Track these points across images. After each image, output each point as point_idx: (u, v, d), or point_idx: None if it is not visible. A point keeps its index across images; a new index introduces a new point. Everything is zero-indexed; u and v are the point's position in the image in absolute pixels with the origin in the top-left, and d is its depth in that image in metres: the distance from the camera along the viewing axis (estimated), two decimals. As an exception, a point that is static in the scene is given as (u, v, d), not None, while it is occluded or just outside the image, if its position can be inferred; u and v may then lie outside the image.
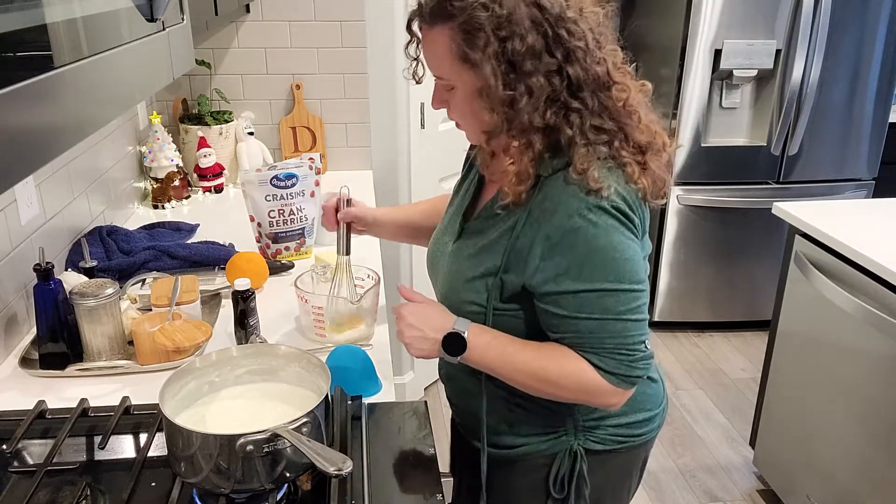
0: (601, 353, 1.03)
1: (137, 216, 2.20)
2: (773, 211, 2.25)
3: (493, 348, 1.08)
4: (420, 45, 1.08)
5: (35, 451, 1.12)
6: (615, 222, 1.00)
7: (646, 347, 1.05)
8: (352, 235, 1.45)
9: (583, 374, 1.04)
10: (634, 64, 1.08)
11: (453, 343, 1.07)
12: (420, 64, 1.10)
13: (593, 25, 1.01)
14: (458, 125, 1.12)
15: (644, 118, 1.05)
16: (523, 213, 1.04)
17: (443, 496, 1.03)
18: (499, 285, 1.07)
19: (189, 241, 1.92)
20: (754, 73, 3.14)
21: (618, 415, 1.16)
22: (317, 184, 1.87)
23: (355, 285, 1.46)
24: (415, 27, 1.07)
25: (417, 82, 1.13)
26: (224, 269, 1.69)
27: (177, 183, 2.27)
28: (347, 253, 1.43)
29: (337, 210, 1.43)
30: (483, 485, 1.24)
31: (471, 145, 1.25)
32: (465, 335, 1.07)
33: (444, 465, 1.28)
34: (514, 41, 0.95)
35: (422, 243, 1.42)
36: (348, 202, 1.44)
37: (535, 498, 1.22)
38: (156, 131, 2.24)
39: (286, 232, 1.84)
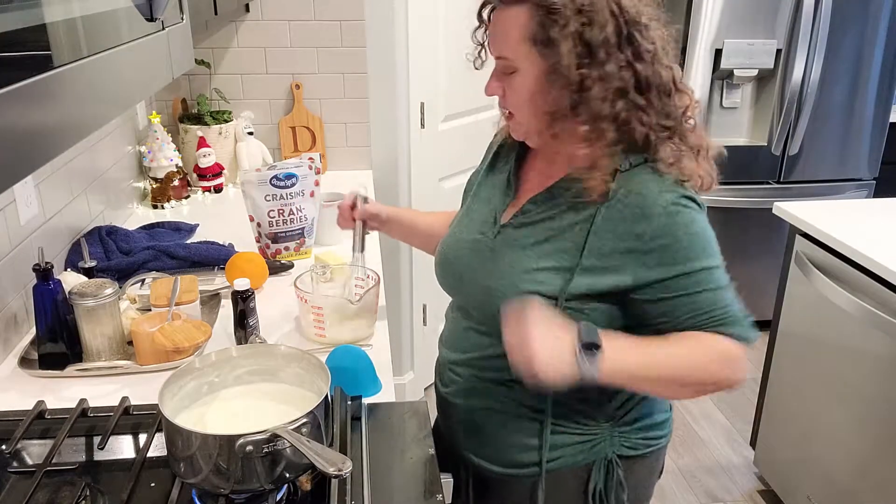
0: (725, 320, 1.05)
1: (137, 216, 2.19)
2: (773, 211, 2.25)
3: (629, 348, 1.01)
4: (486, 30, 1.10)
5: (34, 451, 1.12)
6: (699, 208, 1.05)
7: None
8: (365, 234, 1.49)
9: (722, 344, 1.04)
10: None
11: (591, 352, 0.97)
12: (484, 50, 1.13)
13: (662, 37, 1.06)
14: (507, 117, 1.13)
15: (698, 126, 1.11)
16: (601, 207, 1.04)
17: (443, 496, 1.03)
18: (569, 280, 1.05)
19: (188, 241, 1.91)
20: (755, 72, 3.14)
21: (645, 416, 1.17)
22: (316, 184, 1.86)
23: (356, 285, 1.46)
24: (485, 12, 1.10)
25: (477, 68, 1.16)
26: (224, 269, 1.69)
27: (176, 183, 2.27)
28: (363, 250, 1.48)
29: (353, 208, 1.47)
30: None
31: (501, 137, 1.26)
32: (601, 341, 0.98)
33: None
34: (594, 28, 0.99)
35: (427, 250, 1.41)
36: (364, 200, 1.48)
37: None
38: (155, 131, 2.23)
39: (286, 232, 1.83)
